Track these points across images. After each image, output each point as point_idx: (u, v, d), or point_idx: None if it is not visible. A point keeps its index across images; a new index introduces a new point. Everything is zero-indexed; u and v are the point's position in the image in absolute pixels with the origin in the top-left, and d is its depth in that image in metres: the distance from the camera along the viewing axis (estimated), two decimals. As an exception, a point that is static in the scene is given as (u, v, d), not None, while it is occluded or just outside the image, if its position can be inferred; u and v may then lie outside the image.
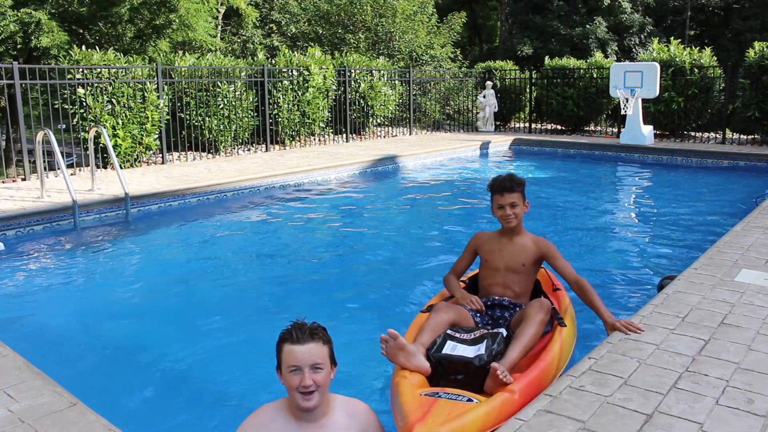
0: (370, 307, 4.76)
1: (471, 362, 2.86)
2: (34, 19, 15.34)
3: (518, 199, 3.54)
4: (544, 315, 3.16)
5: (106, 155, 9.32)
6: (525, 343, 3.01)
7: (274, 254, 6.32)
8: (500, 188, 3.55)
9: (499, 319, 3.47)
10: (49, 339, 4.19)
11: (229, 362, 3.81)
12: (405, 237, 6.97)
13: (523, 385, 2.73)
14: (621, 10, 25.76)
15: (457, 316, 3.26)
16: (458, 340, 3.02)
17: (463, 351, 2.93)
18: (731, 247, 4.87)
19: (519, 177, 3.63)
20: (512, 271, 3.56)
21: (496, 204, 3.57)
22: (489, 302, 3.54)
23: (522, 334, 3.04)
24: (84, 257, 6.06)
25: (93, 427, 2.41)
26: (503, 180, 3.58)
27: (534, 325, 3.08)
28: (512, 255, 3.56)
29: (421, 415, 2.45)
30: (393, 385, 2.78)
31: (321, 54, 13.47)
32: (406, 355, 2.86)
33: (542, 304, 3.20)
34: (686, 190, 9.54)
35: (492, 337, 3.03)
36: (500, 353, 2.96)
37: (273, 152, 11.87)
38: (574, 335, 3.47)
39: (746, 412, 2.47)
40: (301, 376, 2.07)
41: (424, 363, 2.87)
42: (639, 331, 3.26)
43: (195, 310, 4.72)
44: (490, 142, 13.85)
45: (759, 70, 12.36)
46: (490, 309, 3.52)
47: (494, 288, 3.58)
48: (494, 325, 3.42)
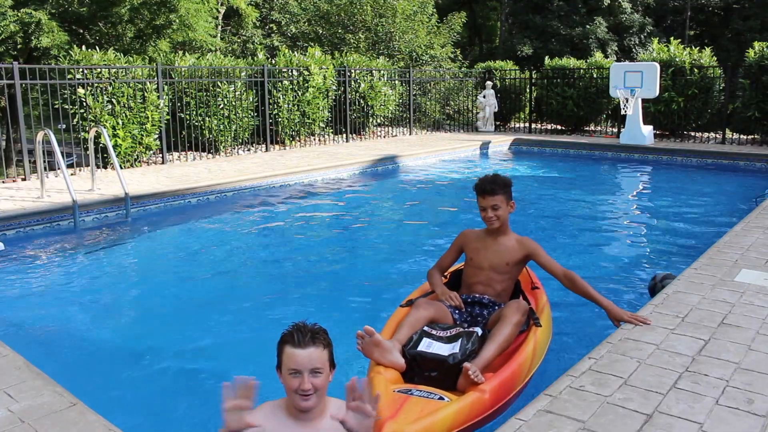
0: (369, 307, 4.76)
1: (445, 360, 2.91)
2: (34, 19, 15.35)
3: (501, 201, 3.53)
4: (520, 316, 3.18)
5: (106, 155, 9.32)
6: (499, 343, 3.04)
7: (273, 254, 6.33)
8: (483, 190, 3.54)
9: (477, 316, 3.49)
10: (49, 339, 4.19)
11: (229, 361, 3.81)
12: (405, 237, 6.97)
13: (494, 385, 2.76)
14: (621, 10, 25.76)
15: (435, 312, 3.30)
16: (434, 338, 3.07)
17: (438, 349, 2.98)
18: (731, 247, 4.87)
19: (504, 177, 3.61)
20: (496, 271, 3.58)
21: (480, 205, 3.58)
22: (469, 299, 3.57)
23: (497, 335, 3.06)
24: (84, 257, 6.06)
25: (93, 427, 2.41)
26: (486, 182, 3.56)
27: (509, 325, 3.10)
28: (497, 254, 3.58)
29: (393, 412, 2.49)
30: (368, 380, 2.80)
31: (321, 54, 13.47)
32: (381, 351, 2.90)
33: (519, 306, 3.22)
34: (686, 190, 9.53)
35: (467, 336, 3.07)
36: (474, 352, 2.99)
37: (273, 152, 11.87)
38: (549, 335, 3.50)
39: (746, 412, 2.47)
40: (301, 379, 2.09)
41: (399, 359, 2.92)
42: (647, 322, 3.30)
43: (195, 309, 4.72)
44: (490, 142, 13.85)
45: (759, 70, 12.35)
46: (470, 306, 3.55)
47: (476, 286, 3.61)
48: (472, 322, 3.45)
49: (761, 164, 11.03)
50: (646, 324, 3.32)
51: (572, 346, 3.86)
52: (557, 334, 3.76)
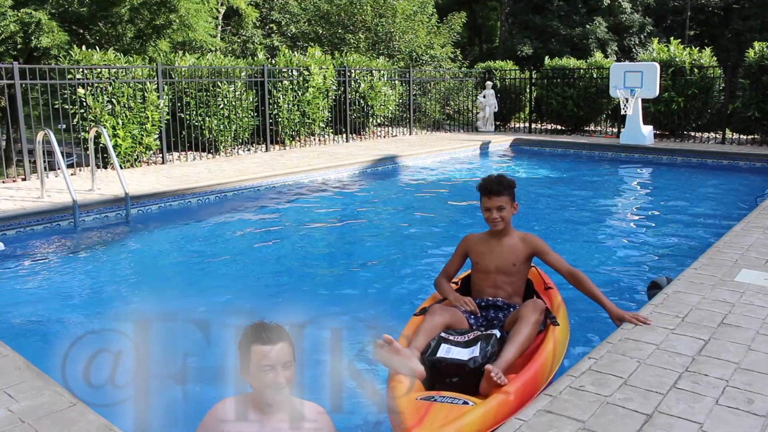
0: (369, 307, 4.76)
1: (465, 365, 2.87)
2: (34, 19, 15.33)
3: (506, 202, 3.49)
4: (538, 315, 3.15)
5: (106, 155, 9.32)
6: (519, 343, 3.00)
7: (273, 254, 6.32)
8: (488, 191, 3.50)
9: (494, 320, 3.46)
10: (49, 339, 4.19)
11: (229, 361, 3.80)
12: (405, 237, 6.97)
13: (518, 386, 2.73)
14: (621, 10, 25.77)
15: (451, 318, 3.26)
16: (452, 343, 3.02)
17: (458, 354, 2.94)
18: (731, 247, 4.87)
19: (509, 178, 3.57)
20: (503, 273, 3.54)
21: (484, 206, 3.54)
22: (483, 303, 3.53)
23: (516, 335, 3.03)
24: (84, 257, 6.06)
25: (93, 427, 2.41)
26: (491, 182, 3.52)
27: (528, 325, 3.07)
28: (502, 256, 3.54)
29: (418, 420, 2.45)
30: (388, 389, 2.78)
31: (321, 54, 13.46)
32: (400, 360, 2.85)
33: (536, 305, 3.20)
34: (686, 191, 9.53)
35: (486, 339, 3.03)
36: (494, 354, 2.95)
37: (273, 152, 11.87)
38: (567, 333, 3.48)
39: (746, 412, 2.47)
40: (275, 374, 2.21)
41: (419, 367, 2.86)
42: (648, 322, 3.32)
43: (195, 309, 4.71)
44: (490, 142, 13.85)
45: (759, 70, 12.35)
46: (484, 310, 3.51)
47: (487, 289, 3.58)
48: (488, 326, 3.40)
49: (761, 164, 11.03)
50: (646, 324, 3.33)
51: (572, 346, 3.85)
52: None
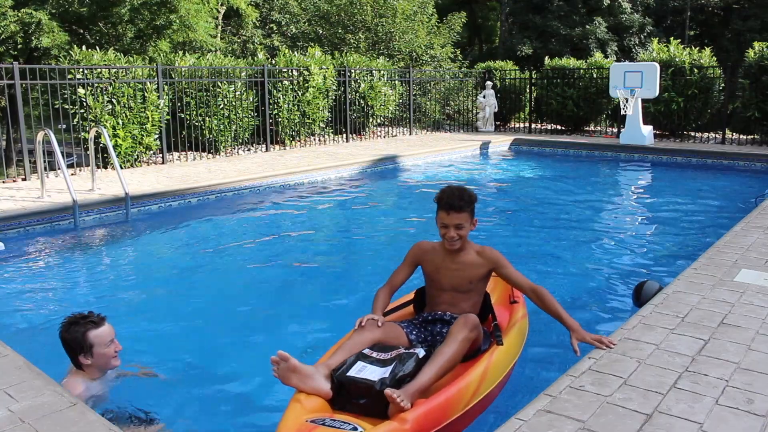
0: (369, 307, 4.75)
1: (373, 386, 2.63)
2: (34, 19, 15.32)
3: (465, 219, 3.17)
4: (468, 332, 2.85)
5: (107, 155, 9.33)
6: (440, 365, 2.72)
7: (274, 254, 6.33)
8: (448, 206, 3.16)
9: (438, 335, 3.19)
10: (50, 339, 4.18)
11: (230, 360, 3.81)
12: (405, 237, 6.97)
13: (419, 413, 2.48)
14: (621, 11, 25.76)
15: (383, 334, 2.99)
16: (371, 360, 2.79)
17: (370, 373, 2.70)
18: (731, 247, 4.87)
19: (470, 192, 3.24)
20: (458, 291, 3.27)
21: (441, 222, 3.20)
22: (430, 317, 3.29)
23: (437, 356, 2.76)
24: (84, 257, 6.06)
25: (93, 427, 2.41)
26: (453, 197, 3.17)
27: (454, 343, 2.80)
28: (458, 273, 3.25)
29: None
30: (287, 408, 2.59)
31: (321, 54, 13.47)
32: (300, 377, 2.63)
33: (467, 321, 2.90)
34: (686, 191, 9.54)
35: (402, 359, 2.78)
36: (409, 375, 2.70)
37: (273, 152, 11.87)
38: (515, 354, 3.23)
39: (746, 412, 2.47)
40: (114, 345, 3.12)
41: (322, 385, 2.64)
42: (611, 346, 3.08)
43: (195, 310, 4.72)
44: (490, 142, 13.86)
45: (759, 70, 12.36)
46: (431, 324, 3.26)
47: (441, 306, 3.31)
48: (432, 341, 3.17)
49: (761, 164, 11.04)
50: (610, 347, 3.07)
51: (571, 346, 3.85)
52: (558, 335, 3.74)
